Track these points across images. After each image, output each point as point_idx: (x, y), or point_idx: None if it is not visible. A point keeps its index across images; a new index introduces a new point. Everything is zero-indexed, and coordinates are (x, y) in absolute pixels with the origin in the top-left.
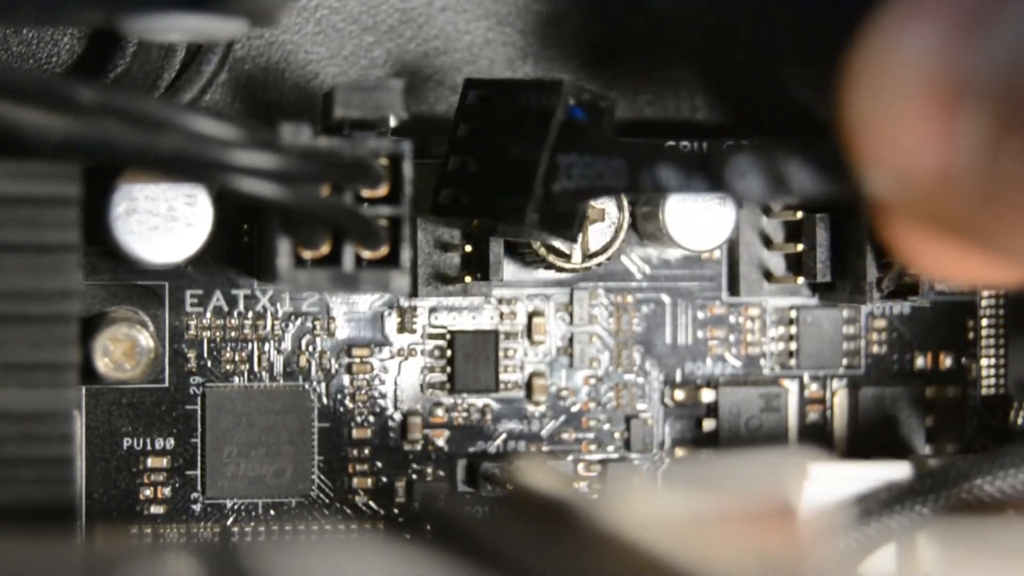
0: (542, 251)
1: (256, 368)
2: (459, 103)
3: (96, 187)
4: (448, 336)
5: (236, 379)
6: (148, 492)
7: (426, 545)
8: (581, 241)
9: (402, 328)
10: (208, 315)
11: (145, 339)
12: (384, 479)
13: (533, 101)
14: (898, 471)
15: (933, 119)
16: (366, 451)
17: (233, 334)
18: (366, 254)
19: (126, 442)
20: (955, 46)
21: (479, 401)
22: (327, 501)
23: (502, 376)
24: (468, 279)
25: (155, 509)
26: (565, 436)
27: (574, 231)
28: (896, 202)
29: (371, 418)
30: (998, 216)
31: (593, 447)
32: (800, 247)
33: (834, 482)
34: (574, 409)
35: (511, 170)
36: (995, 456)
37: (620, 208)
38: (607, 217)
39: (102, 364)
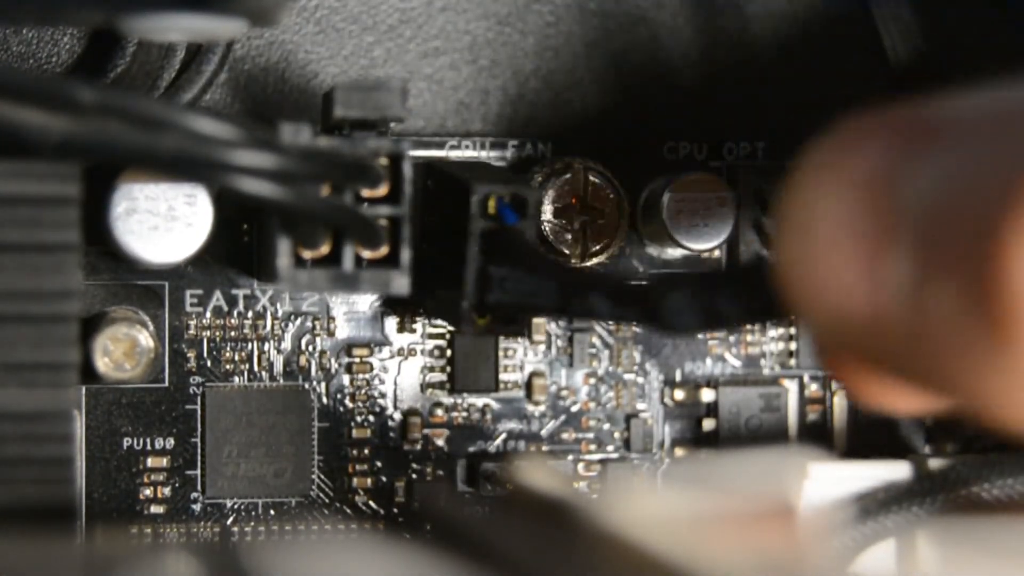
0: (541, 251)
1: (256, 368)
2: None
3: (96, 187)
4: (448, 336)
5: (236, 379)
6: (148, 492)
7: (426, 545)
8: (581, 240)
9: (402, 328)
10: (208, 315)
11: (145, 339)
12: (384, 479)
13: (461, 199)
14: (898, 471)
15: (859, 263)
16: (366, 451)
17: (233, 334)
18: (366, 254)
19: (126, 442)
20: (878, 190)
21: (479, 401)
22: (327, 501)
23: (502, 376)
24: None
25: (155, 509)
26: (565, 436)
27: (521, 328)
28: (827, 341)
29: (371, 418)
30: (923, 357)
31: (593, 447)
32: None
33: (834, 482)
34: (574, 409)
35: (451, 267)
36: (994, 462)
37: (620, 208)
38: (606, 217)
39: (102, 364)
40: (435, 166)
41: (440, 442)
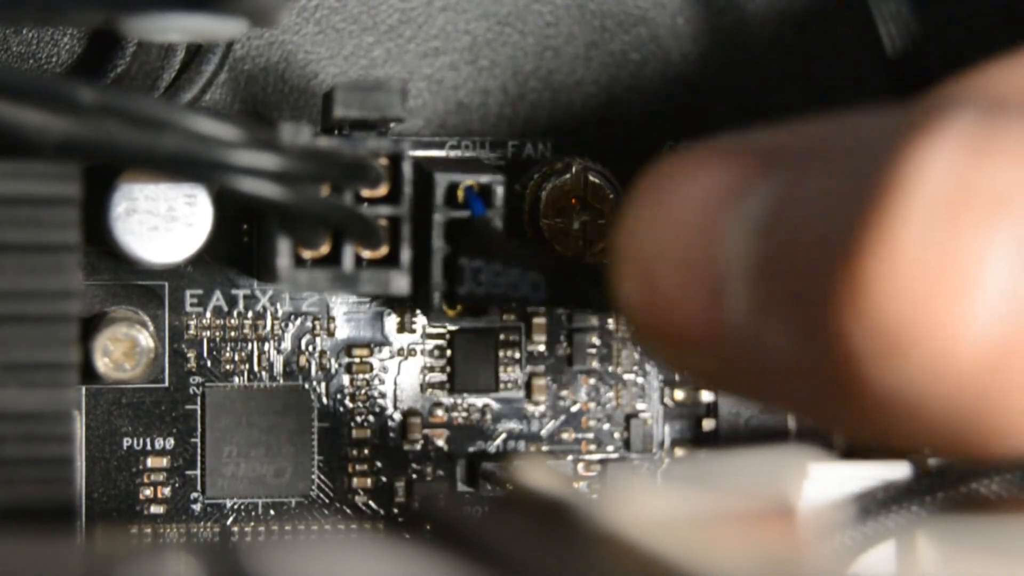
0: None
1: (256, 368)
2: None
3: (96, 187)
4: (448, 336)
5: (236, 379)
6: (148, 492)
7: (426, 545)
8: (581, 240)
9: (402, 328)
10: (208, 315)
11: (145, 339)
12: (384, 479)
13: (428, 190)
14: (898, 471)
15: (696, 299)
16: (366, 451)
17: (233, 334)
18: (366, 254)
19: (126, 442)
20: (710, 223)
21: (479, 401)
22: (327, 501)
23: (502, 376)
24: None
25: (155, 509)
26: (565, 436)
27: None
28: (673, 365)
29: (371, 418)
30: (762, 384)
31: (593, 447)
32: None
33: (834, 482)
34: (574, 409)
35: (424, 259)
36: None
37: (620, 208)
38: (606, 217)
39: (102, 364)
40: (415, 161)
41: (440, 442)
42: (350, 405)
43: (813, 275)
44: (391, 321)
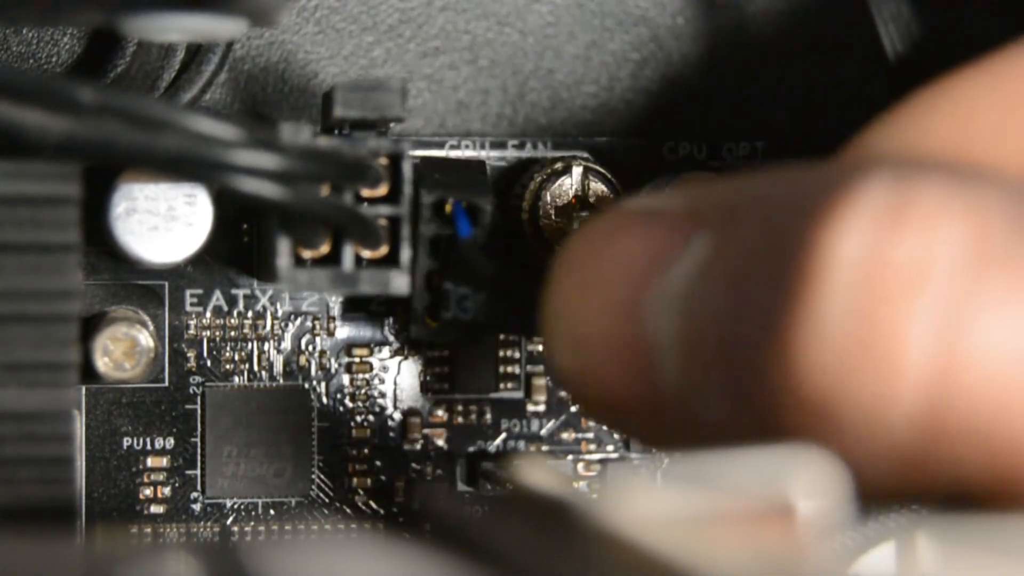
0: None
1: (256, 368)
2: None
3: (96, 187)
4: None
5: (236, 379)
6: (148, 492)
7: (426, 545)
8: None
9: (402, 328)
10: (208, 315)
11: (145, 339)
12: (384, 479)
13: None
14: None
15: (630, 370)
16: (366, 451)
17: (233, 334)
18: (366, 254)
19: (126, 442)
20: (636, 299)
21: (479, 401)
22: (327, 501)
23: (502, 376)
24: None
25: (155, 509)
26: (565, 436)
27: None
28: (614, 429)
29: (371, 418)
30: (705, 446)
31: (593, 447)
32: None
33: (834, 482)
34: (574, 408)
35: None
36: None
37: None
38: None
39: (102, 364)
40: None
41: (440, 442)
42: (350, 405)
43: (739, 347)
44: (391, 321)
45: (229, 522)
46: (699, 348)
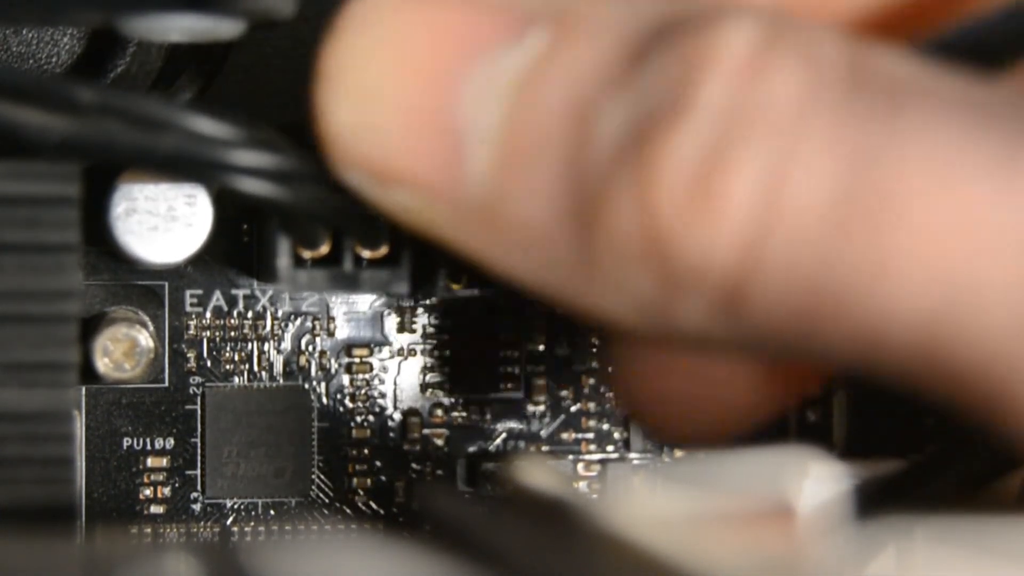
0: None
1: (256, 368)
2: None
3: (96, 187)
4: (448, 336)
5: (236, 379)
6: (148, 492)
7: (426, 545)
8: None
9: (402, 328)
10: (208, 315)
11: (145, 339)
12: (384, 479)
13: None
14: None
15: (430, 147)
16: (366, 451)
17: (233, 334)
18: (366, 254)
19: (126, 442)
20: (451, 78)
21: (479, 401)
22: (327, 501)
23: (501, 376)
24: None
25: (155, 509)
26: (565, 436)
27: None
28: (375, 198)
29: (371, 418)
30: (495, 242)
31: (593, 447)
32: None
33: (834, 482)
34: (574, 409)
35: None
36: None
37: None
38: None
39: (102, 364)
40: None
41: (440, 442)
42: (350, 405)
43: (578, 161)
44: (391, 321)
45: (229, 522)
46: (524, 148)
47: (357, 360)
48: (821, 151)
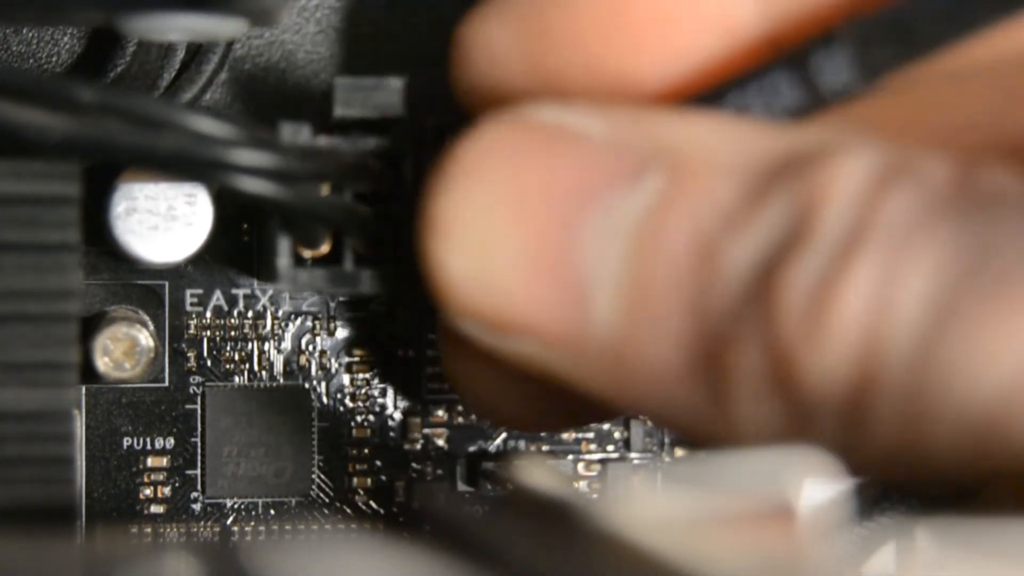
0: None
1: (256, 368)
2: None
3: (96, 187)
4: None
5: (236, 379)
6: (148, 492)
7: (426, 545)
8: None
9: (402, 328)
10: (208, 315)
11: (145, 339)
12: (384, 479)
13: None
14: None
15: (554, 294)
16: (366, 451)
17: (233, 333)
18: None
19: (126, 442)
20: (572, 223)
21: None
22: (327, 501)
23: None
24: None
25: (155, 509)
26: (565, 436)
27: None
28: (492, 347)
29: (371, 418)
30: (623, 384)
31: (593, 447)
32: None
33: (834, 482)
34: None
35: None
36: None
37: None
38: None
39: (102, 364)
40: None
41: (440, 442)
42: (350, 405)
43: (705, 301)
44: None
45: (229, 522)
46: (649, 292)
47: (357, 360)
48: (927, 260)
